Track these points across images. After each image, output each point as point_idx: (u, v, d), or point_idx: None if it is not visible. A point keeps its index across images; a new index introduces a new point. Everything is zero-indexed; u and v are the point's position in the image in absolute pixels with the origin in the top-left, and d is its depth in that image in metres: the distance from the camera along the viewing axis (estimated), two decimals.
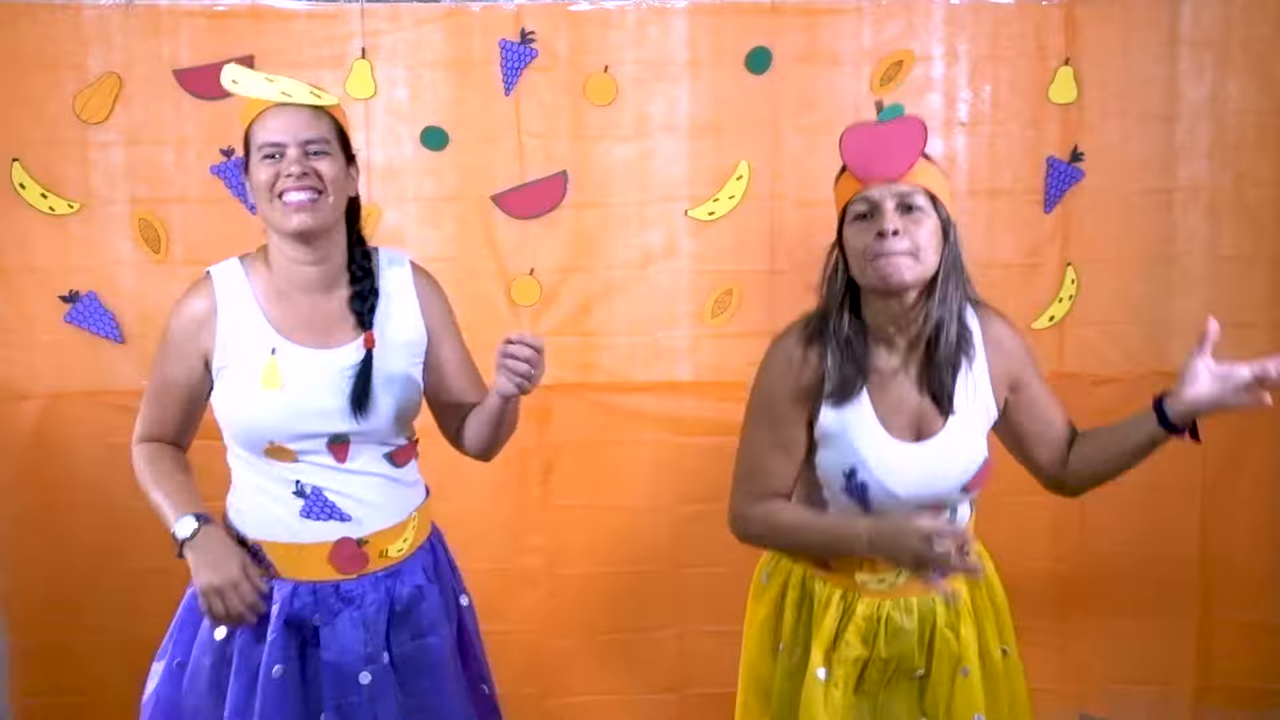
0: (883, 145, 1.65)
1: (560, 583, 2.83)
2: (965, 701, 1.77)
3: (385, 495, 1.82)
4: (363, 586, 1.79)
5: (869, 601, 1.76)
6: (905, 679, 1.80)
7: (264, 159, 1.69)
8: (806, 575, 1.83)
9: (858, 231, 1.65)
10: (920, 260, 1.62)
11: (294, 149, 1.68)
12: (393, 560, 1.82)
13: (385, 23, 2.63)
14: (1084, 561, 2.86)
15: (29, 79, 2.57)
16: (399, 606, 1.81)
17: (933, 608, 1.77)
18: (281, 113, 1.70)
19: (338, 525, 1.77)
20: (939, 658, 1.78)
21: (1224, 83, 2.71)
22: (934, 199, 1.65)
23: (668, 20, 2.66)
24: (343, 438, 1.75)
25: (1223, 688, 2.89)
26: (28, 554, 2.71)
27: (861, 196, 1.65)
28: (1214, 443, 2.79)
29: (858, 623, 1.76)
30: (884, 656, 1.76)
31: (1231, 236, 2.76)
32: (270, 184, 1.68)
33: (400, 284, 1.84)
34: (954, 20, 2.70)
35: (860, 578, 1.77)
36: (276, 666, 1.74)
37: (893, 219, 1.61)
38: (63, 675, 2.74)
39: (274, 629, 1.74)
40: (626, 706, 2.89)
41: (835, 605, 1.77)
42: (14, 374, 2.67)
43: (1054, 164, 2.74)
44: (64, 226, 2.63)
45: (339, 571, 1.78)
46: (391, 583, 1.81)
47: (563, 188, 2.70)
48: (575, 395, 2.76)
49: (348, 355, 1.76)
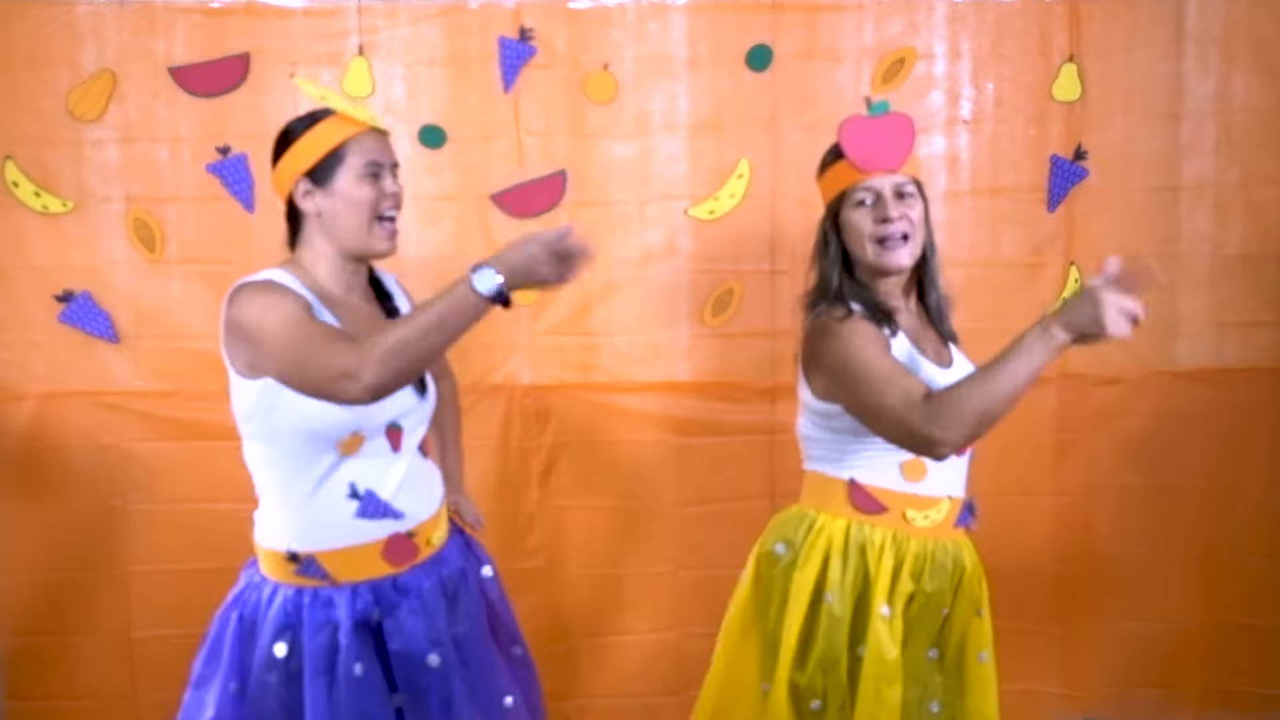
0: (881, 139, 1.88)
1: (560, 583, 2.82)
2: (976, 640, 1.98)
3: (423, 485, 1.90)
4: (416, 576, 1.85)
5: (920, 540, 1.94)
6: (934, 615, 1.97)
7: (367, 176, 1.77)
8: (852, 526, 1.95)
9: (862, 216, 1.89)
10: (913, 240, 1.89)
11: (388, 171, 1.80)
12: (436, 548, 1.89)
13: (383, 19, 2.61)
14: (1087, 564, 2.84)
15: (22, 76, 2.56)
16: (449, 589, 1.89)
17: (960, 551, 1.98)
18: (379, 136, 1.81)
19: (390, 523, 1.82)
20: (963, 597, 1.98)
21: (1229, 79, 2.70)
22: (919, 186, 1.91)
23: (668, 17, 2.65)
24: (397, 424, 1.82)
25: (1226, 691, 2.87)
26: (22, 556, 2.69)
27: (864, 186, 1.88)
28: (1217, 445, 2.80)
29: (910, 560, 1.92)
30: (929, 591, 1.94)
31: (1237, 235, 2.75)
32: (374, 203, 1.77)
33: (397, 290, 1.97)
34: (956, 17, 2.69)
35: (910, 514, 1.93)
36: (358, 665, 1.77)
37: (895, 206, 1.86)
38: (56, 678, 2.72)
39: (345, 632, 1.77)
40: (627, 707, 2.88)
41: (889, 548, 1.93)
42: (8, 374, 2.66)
43: (1058, 162, 2.72)
44: (58, 225, 2.61)
45: (393, 565, 1.83)
46: (440, 569, 1.88)
47: (562, 186, 2.69)
48: (575, 395, 2.74)
49: None
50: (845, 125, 1.91)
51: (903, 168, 1.88)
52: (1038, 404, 2.74)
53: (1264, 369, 2.77)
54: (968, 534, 2.03)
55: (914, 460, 1.89)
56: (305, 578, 1.79)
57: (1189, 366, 2.79)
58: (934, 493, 1.93)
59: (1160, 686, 2.88)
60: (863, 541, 1.94)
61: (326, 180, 1.75)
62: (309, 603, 1.78)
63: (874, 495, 1.95)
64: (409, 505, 1.84)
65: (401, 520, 1.82)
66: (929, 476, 1.92)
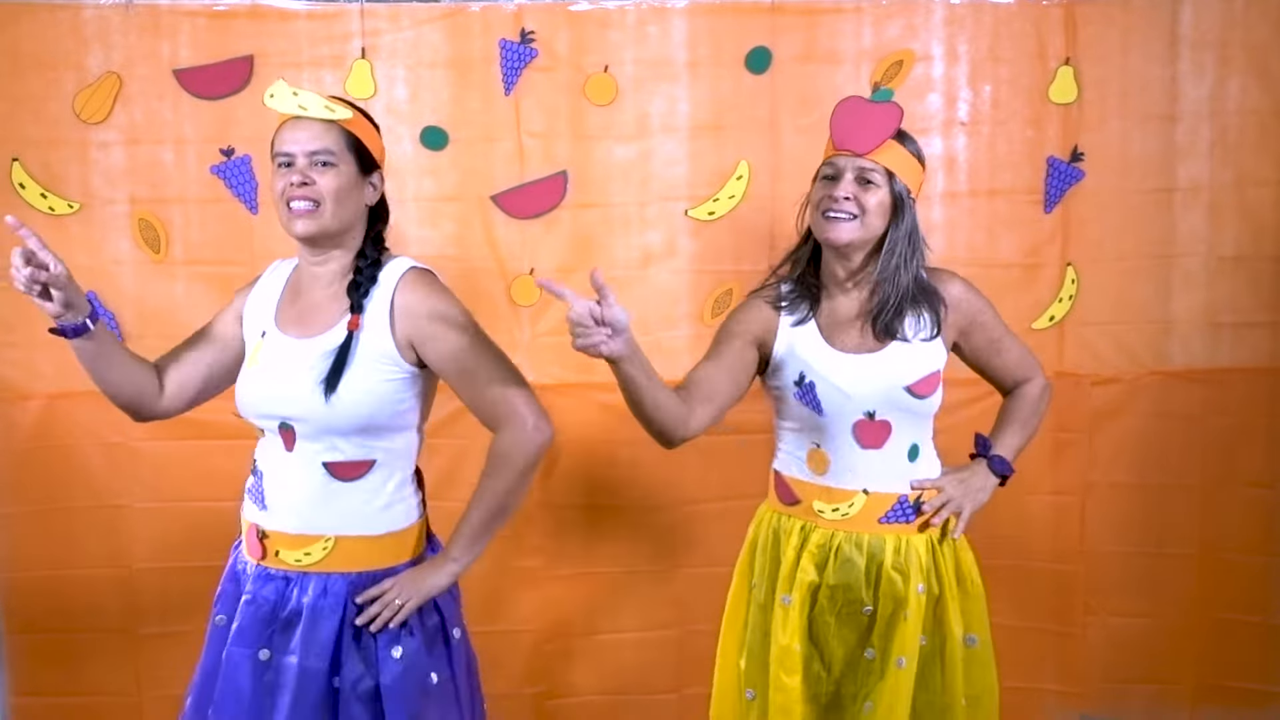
0: (860, 122, 1.93)
1: (560, 583, 2.84)
2: (901, 641, 1.96)
3: (306, 502, 1.82)
4: (258, 576, 1.86)
5: (823, 531, 2.01)
6: (856, 612, 2.00)
7: (278, 168, 1.82)
8: (777, 515, 2.08)
9: (819, 188, 1.96)
10: (863, 225, 1.91)
11: (302, 159, 1.79)
12: (289, 566, 1.83)
13: (385, 22, 2.63)
14: (1083, 562, 2.86)
15: (29, 79, 2.58)
16: (282, 613, 1.82)
17: (881, 547, 1.99)
18: (296, 125, 1.81)
19: (257, 511, 1.87)
20: (884, 596, 1.98)
21: (1224, 82, 2.71)
22: (891, 176, 1.91)
23: (668, 20, 2.66)
24: (289, 425, 1.80)
25: (1221, 687, 2.89)
26: (28, 554, 2.71)
27: (830, 161, 1.95)
28: (1213, 444, 2.82)
29: (811, 550, 2.00)
30: (832, 584, 1.99)
31: (1232, 236, 2.76)
32: (281, 191, 1.81)
33: (385, 288, 1.82)
34: (954, 20, 2.70)
35: (817, 505, 2.00)
36: (220, 616, 1.89)
37: (846, 186, 1.90)
38: (61, 676, 2.74)
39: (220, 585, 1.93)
40: (627, 706, 2.89)
41: (795, 535, 2.02)
42: (15, 374, 2.68)
43: (1054, 164, 2.74)
44: (64, 226, 2.62)
45: (250, 553, 1.89)
46: (284, 587, 1.83)
47: (563, 188, 2.70)
48: (575, 395, 2.75)
49: (330, 339, 1.79)
50: (840, 104, 1.97)
51: (873, 153, 1.90)
52: None
53: (1258, 369, 2.79)
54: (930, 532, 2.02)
55: (816, 451, 2.00)
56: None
57: (1184, 367, 2.81)
58: (844, 485, 1.99)
59: (1156, 683, 2.90)
60: (778, 531, 2.06)
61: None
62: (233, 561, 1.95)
63: (790, 486, 2.06)
64: (275, 507, 1.84)
65: (264, 514, 1.86)
66: (831, 469, 2.00)
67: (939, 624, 2.01)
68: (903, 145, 1.94)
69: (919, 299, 1.97)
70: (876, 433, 1.96)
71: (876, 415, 1.95)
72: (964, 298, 2.02)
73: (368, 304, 1.80)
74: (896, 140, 1.93)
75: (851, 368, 1.95)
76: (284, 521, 1.83)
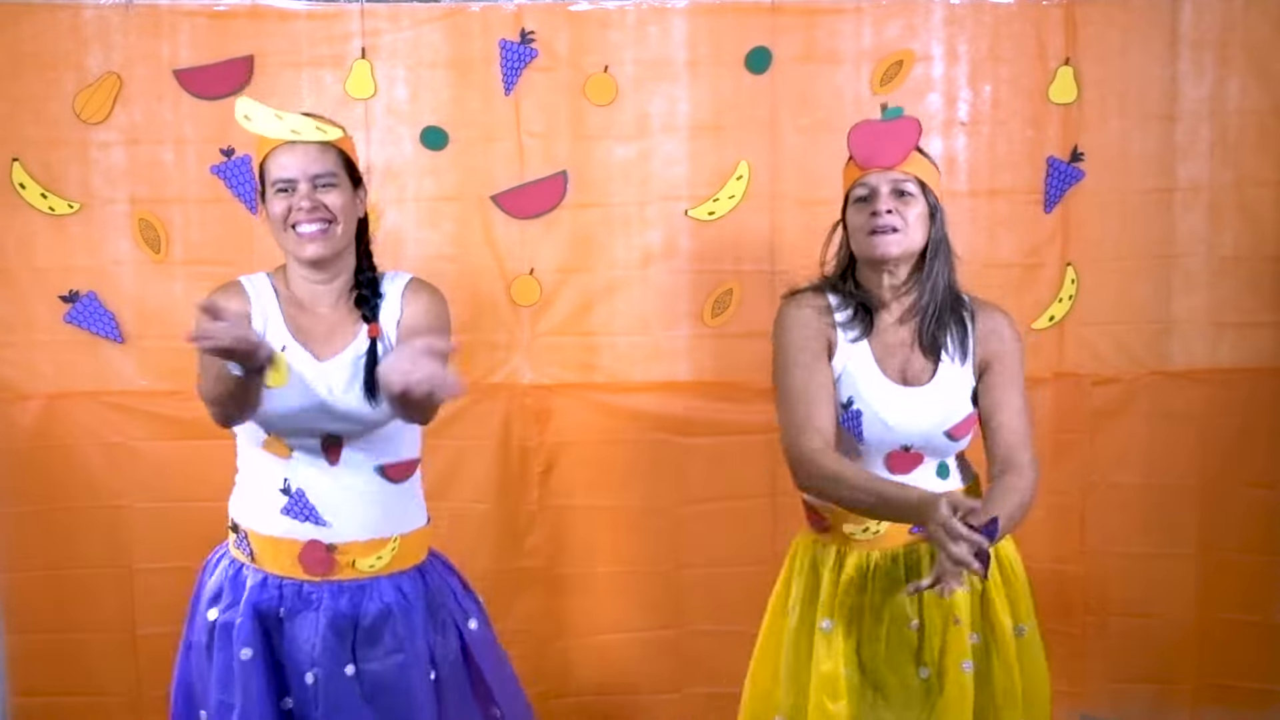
0: (882, 139, 1.93)
1: (560, 583, 2.83)
2: (957, 650, 1.92)
3: (369, 508, 1.89)
4: (324, 592, 1.86)
5: (858, 554, 1.97)
6: (902, 628, 1.95)
7: (278, 193, 1.82)
8: (813, 543, 2.05)
9: (856, 211, 1.93)
10: (906, 235, 1.89)
11: (304, 184, 1.81)
12: (363, 574, 1.88)
13: (385, 22, 2.63)
14: (1084, 562, 2.86)
15: (29, 79, 2.58)
16: (365, 621, 1.87)
17: (918, 559, 1.95)
18: (291, 149, 1.82)
19: (312, 528, 1.85)
20: (929, 607, 1.94)
21: (1224, 82, 2.71)
22: (924, 186, 1.92)
23: (668, 20, 2.66)
24: (336, 439, 1.84)
25: (1221, 686, 2.89)
26: (28, 554, 2.71)
27: (861, 182, 1.92)
28: (1213, 444, 2.82)
29: (849, 574, 1.96)
30: (876, 604, 1.95)
31: (1232, 236, 2.76)
32: (284, 217, 1.82)
33: (392, 298, 1.91)
34: (954, 20, 2.70)
35: (847, 528, 1.97)
36: (245, 650, 1.84)
37: (886, 201, 1.89)
38: (61, 675, 2.74)
39: (242, 614, 1.85)
40: (627, 706, 2.89)
41: (832, 562, 1.99)
42: (14, 374, 2.68)
43: (1054, 164, 2.74)
44: (64, 226, 2.63)
45: (305, 572, 1.86)
46: (359, 596, 1.87)
47: (563, 188, 2.70)
48: (575, 395, 2.76)
49: (355, 349, 1.86)
50: (855, 128, 1.97)
51: (902, 165, 1.90)
52: (1036, 404, 2.72)
53: (1259, 369, 2.79)
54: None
55: None
56: (239, 551, 1.91)
57: (1185, 367, 2.80)
58: None
59: (1156, 683, 2.90)
60: (815, 558, 2.03)
61: (264, 196, 1.86)
62: (232, 576, 1.90)
63: (820, 512, 2.02)
64: (339, 519, 1.86)
65: (325, 530, 1.85)
66: None
67: (987, 619, 1.98)
68: (924, 156, 1.96)
69: (955, 309, 1.96)
70: (908, 463, 1.95)
71: (912, 449, 1.94)
72: (996, 328, 1.97)
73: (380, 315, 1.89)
74: (918, 151, 1.94)
75: (900, 401, 1.92)
76: (352, 529, 1.87)
